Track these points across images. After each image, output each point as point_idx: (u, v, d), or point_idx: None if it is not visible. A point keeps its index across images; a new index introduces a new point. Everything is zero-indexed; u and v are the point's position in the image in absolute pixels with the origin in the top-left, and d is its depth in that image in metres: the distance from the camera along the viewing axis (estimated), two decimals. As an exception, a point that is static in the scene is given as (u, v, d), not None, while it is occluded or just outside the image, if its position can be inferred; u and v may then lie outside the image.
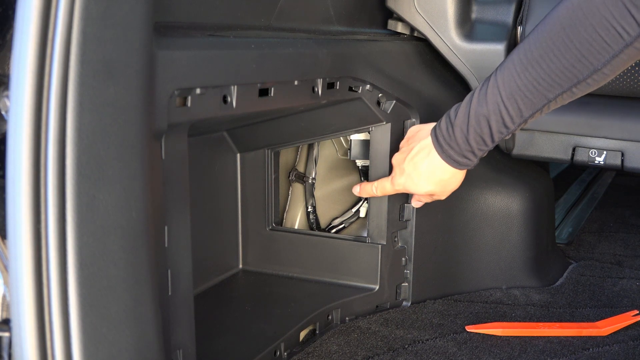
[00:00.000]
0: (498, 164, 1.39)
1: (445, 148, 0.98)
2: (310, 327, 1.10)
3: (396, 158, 1.07)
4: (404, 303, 1.25)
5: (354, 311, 1.18)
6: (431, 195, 1.07)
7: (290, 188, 1.36)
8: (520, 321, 1.20)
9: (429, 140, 1.00)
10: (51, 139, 0.57)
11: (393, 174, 1.08)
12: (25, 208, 0.57)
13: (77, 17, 0.58)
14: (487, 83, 0.92)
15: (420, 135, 1.03)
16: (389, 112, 1.15)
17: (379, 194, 1.12)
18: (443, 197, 1.08)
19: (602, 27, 0.79)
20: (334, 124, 1.18)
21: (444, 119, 0.98)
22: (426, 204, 1.23)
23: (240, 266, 1.28)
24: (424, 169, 1.01)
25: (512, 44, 1.26)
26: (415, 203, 1.17)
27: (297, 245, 1.25)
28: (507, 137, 0.95)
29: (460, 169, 1.00)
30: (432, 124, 1.02)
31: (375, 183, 1.12)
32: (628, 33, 0.78)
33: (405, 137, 1.08)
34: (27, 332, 0.57)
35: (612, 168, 1.29)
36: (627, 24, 0.77)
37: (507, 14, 1.28)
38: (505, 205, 1.34)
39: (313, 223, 1.35)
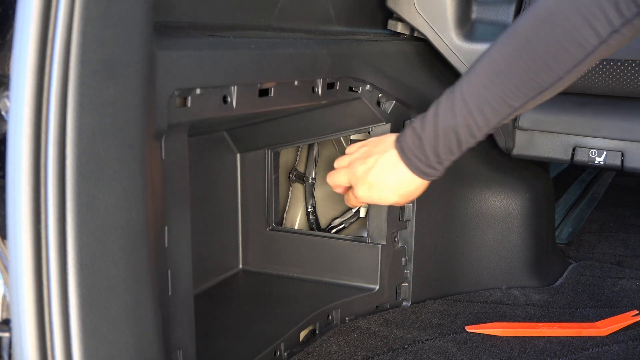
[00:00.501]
0: (498, 164, 1.39)
1: (412, 160, 0.99)
2: (310, 327, 1.10)
3: (358, 169, 1.05)
4: (404, 303, 1.25)
5: (354, 311, 1.18)
6: (391, 205, 1.08)
7: (290, 188, 1.36)
8: (520, 321, 1.20)
9: (394, 154, 1.01)
10: (51, 139, 0.57)
11: (357, 187, 1.06)
12: (25, 208, 0.57)
13: (77, 17, 0.58)
14: (453, 95, 0.93)
15: (383, 148, 1.03)
16: (389, 112, 1.15)
17: (350, 205, 1.12)
18: (402, 204, 1.11)
19: (566, 38, 0.82)
20: (334, 124, 1.18)
21: (409, 132, 0.99)
22: (426, 204, 1.23)
23: (240, 266, 1.28)
24: (390, 181, 1.02)
25: (512, 44, 1.26)
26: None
27: (297, 245, 1.25)
28: (472, 146, 0.98)
29: (427, 179, 1.02)
30: (393, 135, 1.03)
31: (345, 198, 1.12)
32: (589, 42, 0.81)
33: (365, 148, 1.06)
34: (27, 332, 0.57)
35: (612, 168, 1.29)
36: (588, 35, 0.81)
37: (507, 14, 1.28)
38: (505, 205, 1.34)
39: (313, 223, 1.35)
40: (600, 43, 0.81)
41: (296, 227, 1.35)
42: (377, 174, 1.03)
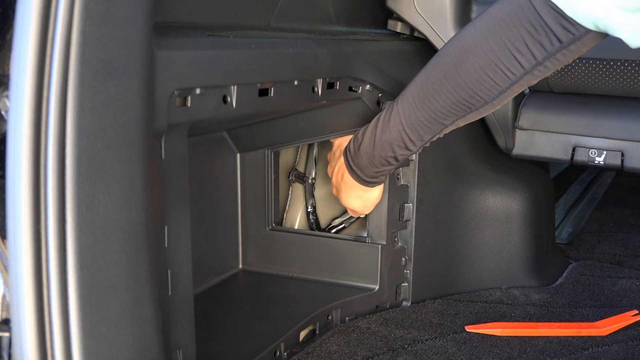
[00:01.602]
0: (498, 164, 1.39)
1: (355, 170, 1.06)
2: (310, 327, 1.10)
3: (328, 171, 1.15)
4: (404, 303, 1.25)
5: (354, 311, 1.18)
6: (355, 211, 1.14)
7: (290, 188, 1.36)
8: (519, 321, 1.20)
9: (342, 160, 1.09)
10: (51, 139, 0.57)
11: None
12: (25, 208, 0.57)
13: (77, 17, 0.58)
14: (390, 112, 0.99)
15: (339, 153, 1.12)
16: (388, 112, 1.15)
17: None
18: (367, 212, 1.16)
19: (490, 69, 0.86)
20: (334, 124, 1.18)
21: (351, 143, 1.06)
22: (426, 204, 1.23)
23: (240, 266, 1.28)
24: (343, 187, 1.11)
25: (512, 44, 1.26)
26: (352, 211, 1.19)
27: (297, 245, 1.25)
28: (410, 158, 1.06)
29: (370, 187, 1.08)
30: (349, 139, 1.09)
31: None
32: (513, 74, 0.85)
33: (331, 151, 1.15)
34: (27, 332, 0.57)
35: (612, 168, 1.29)
36: (512, 67, 0.85)
37: (507, 14, 1.28)
38: (505, 205, 1.34)
39: (313, 223, 1.35)
40: (524, 74, 0.85)
41: (296, 227, 1.35)
42: (336, 178, 1.12)
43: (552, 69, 0.85)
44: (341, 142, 1.13)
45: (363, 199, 1.11)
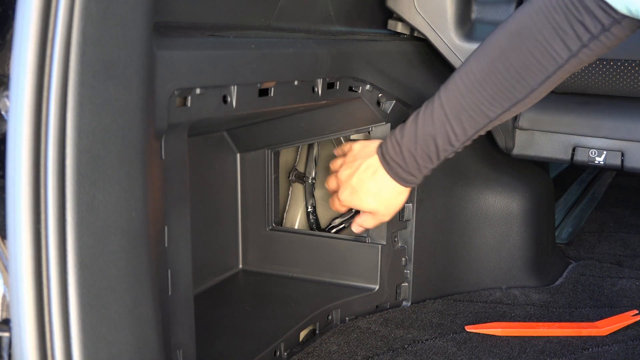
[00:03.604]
0: (498, 164, 1.39)
1: (392, 166, 1.03)
2: (310, 327, 1.10)
3: (342, 173, 1.09)
4: (404, 303, 1.25)
5: (354, 311, 1.18)
6: (375, 214, 1.08)
7: (290, 188, 1.36)
8: (519, 321, 1.20)
9: (375, 159, 1.05)
10: (51, 139, 0.57)
11: (340, 190, 1.09)
12: (25, 208, 0.57)
13: (77, 17, 0.58)
14: (432, 104, 0.97)
15: (366, 153, 1.07)
16: (389, 112, 1.15)
17: (334, 209, 1.15)
18: (387, 218, 1.10)
19: (538, 51, 0.87)
20: (334, 124, 1.18)
21: (389, 139, 1.03)
22: (426, 204, 1.23)
23: (240, 266, 1.28)
24: (371, 186, 1.05)
25: (512, 44, 1.26)
26: (355, 227, 1.14)
27: (297, 245, 1.25)
28: (450, 156, 1.01)
29: (406, 186, 1.05)
30: (377, 142, 1.06)
31: (330, 200, 1.15)
32: (560, 56, 0.86)
33: (350, 153, 1.10)
34: (27, 332, 0.57)
35: (612, 168, 1.29)
36: (559, 48, 0.86)
37: (507, 14, 1.28)
38: (505, 205, 1.34)
39: (313, 223, 1.35)
40: (570, 57, 0.86)
41: (296, 227, 1.35)
42: (359, 178, 1.06)
43: (598, 53, 0.86)
44: (365, 145, 1.08)
45: (390, 201, 1.06)
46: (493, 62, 0.90)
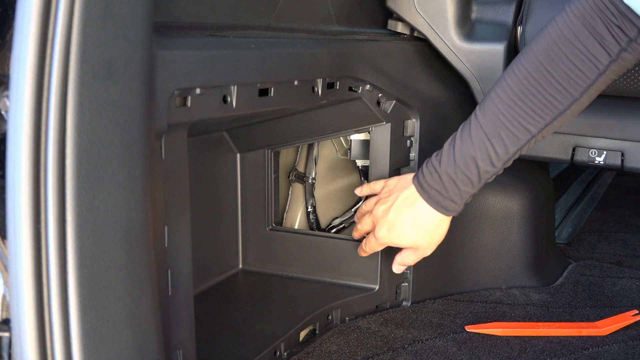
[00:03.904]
0: (498, 164, 1.38)
1: (431, 194, 0.97)
2: (310, 327, 1.10)
3: (378, 210, 1.04)
4: (404, 303, 1.25)
5: (354, 311, 1.18)
6: (416, 249, 1.04)
7: (290, 188, 1.36)
8: (519, 321, 1.20)
9: (412, 189, 0.99)
10: (51, 139, 0.57)
11: (377, 227, 1.04)
12: (25, 208, 0.57)
13: (77, 17, 0.58)
14: (469, 124, 0.93)
15: (402, 185, 1.02)
16: (389, 112, 1.15)
17: (369, 251, 1.10)
18: (429, 252, 1.04)
19: (578, 58, 0.85)
20: (334, 124, 1.18)
21: (425, 167, 0.98)
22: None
23: (240, 266, 1.28)
24: (409, 218, 1.00)
25: (512, 44, 1.26)
26: (397, 268, 1.10)
27: (297, 245, 1.25)
28: (490, 179, 0.96)
29: (446, 214, 0.99)
30: (411, 174, 1.02)
31: (363, 243, 1.10)
32: (600, 62, 0.85)
33: (385, 188, 1.05)
34: (27, 332, 0.57)
35: (612, 168, 1.29)
36: (599, 54, 0.85)
37: (507, 14, 1.28)
38: (505, 205, 1.34)
39: (313, 223, 1.35)
40: (610, 62, 0.85)
41: (296, 227, 1.35)
42: (396, 211, 1.01)
43: (636, 56, 0.85)
44: (400, 179, 1.04)
45: (430, 232, 1.00)
46: (531, 74, 0.88)
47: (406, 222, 1.00)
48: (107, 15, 0.60)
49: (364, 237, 1.20)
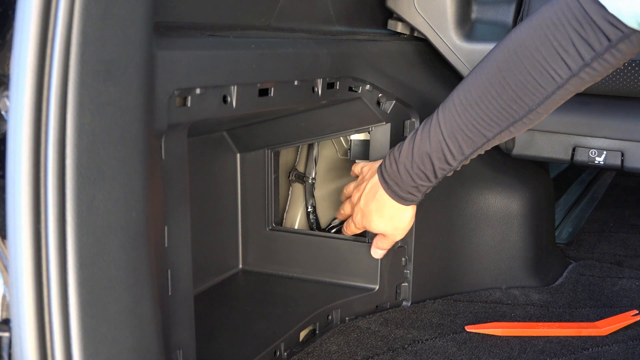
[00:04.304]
0: (498, 164, 1.39)
1: (390, 184, 1.01)
2: (310, 327, 1.10)
3: (354, 197, 1.10)
4: (404, 303, 1.25)
5: (354, 311, 1.18)
6: (385, 236, 1.10)
7: (290, 188, 1.36)
8: (519, 321, 1.20)
9: (376, 178, 1.04)
10: (51, 139, 0.57)
11: (353, 213, 1.11)
12: (25, 208, 0.57)
13: (77, 17, 0.58)
14: (430, 122, 0.96)
15: (371, 173, 1.07)
16: (389, 112, 1.15)
17: (350, 233, 1.17)
18: (398, 238, 1.11)
19: (536, 70, 0.82)
20: (334, 124, 1.18)
21: (388, 157, 1.02)
22: (426, 204, 1.23)
23: (240, 266, 1.28)
24: (374, 206, 1.05)
25: (512, 44, 1.26)
26: (374, 252, 1.15)
27: (297, 245, 1.25)
28: (449, 174, 0.99)
29: (405, 204, 1.03)
30: (380, 161, 1.06)
31: (345, 225, 1.17)
32: (560, 76, 0.81)
33: (360, 175, 1.11)
34: (27, 332, 0.57)
35: (612, 168, 1.29)
36: (558, 68, 0.81)
37: (507, 14, 1.28)
38: (505, 205, 1.34)
39: (313, 223, 1.35)
40: (571, 76, 0.81)
41: (296, 227, 1.35)
42: (365, 199, 1.06)
43: (602, 73, 0.81)
44: (371, 166, 1.09)
45: (394, 220, 1.05)
46: (489, 81, 0.87)
47: (372, 210, 1.06)
48: (107, 15, 0.60)
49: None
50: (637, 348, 1.10)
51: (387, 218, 1.05)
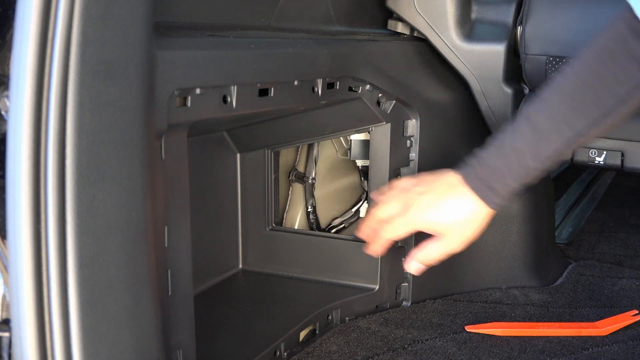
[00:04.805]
0: (498, 164, 1.38)
1: (476, 183, 0.93)
2: (310, 327, 1.10)
3: (415, 189, 0.96)
4: (404, 303, 1.25)
5: (354, 311, 1.18)
6: (443, 237, 0.96)
7: (290, 188, 1.36)
8: (519, 321, 1.20)
9: (454, 177, 0.94)
10: (51, 139, 0.57)
11: (408, 208, 0.95)
12: (25, 208, 0.57)
13: (77, 17, 0.58)
14: (517, 120, 0.91)
15: (441, 175, 0.96)
16: (388, 112, 1.15)
17: (390, 237, 1.00)
18: (456, 245, 0.97)
19: (625, 57, 0.84)
20: (334, 124, 1.18)
21: (471, 159, 0.95)
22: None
23: (240, 266, 1.28)
24: (449, 205, 0.94)
25: (512, 44, 1.26)
26: (414, 266, 1.00)
27: (297, 245, 1.25)
28: (540, 175, 0.93)
29: (490, 206, 0.94)
30: (450, 171, 0.95)
31: (381, 228, 1.00)
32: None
33: (419, 178, 0.98)
34: (27, 332, 0.57)
35: (612, 168, 1.29)
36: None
37: (507, 14, 1.28)
38: (505, 205, 1.34)
39: (313, 223, 1.35)
40: None
41: (296, 227, 1.35)
42: (438, 193, 0.94)
43: None
44: (437, 173, 0.97)
45: (467, 222, 0.95)
46: (576, 74, 0.88)
47: (444, 208, 0.94)
48: (107, 15, 0.60)
49: (364, 241, 1.14)
50: (637, 348, 1.10)
51: (463, 217, 0.94)
